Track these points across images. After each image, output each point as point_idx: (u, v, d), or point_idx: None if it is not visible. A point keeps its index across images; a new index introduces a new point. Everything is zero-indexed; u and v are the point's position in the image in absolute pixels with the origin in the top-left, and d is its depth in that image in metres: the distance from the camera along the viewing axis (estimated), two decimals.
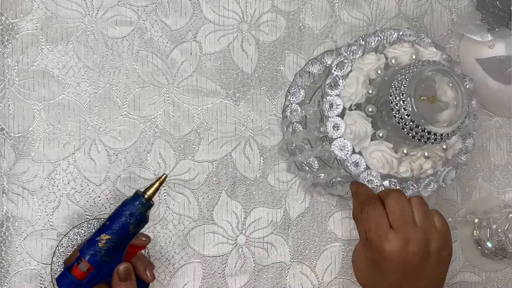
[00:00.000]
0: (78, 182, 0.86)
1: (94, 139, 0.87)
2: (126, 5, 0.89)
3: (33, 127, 0.85)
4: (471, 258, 1.01)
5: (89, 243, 0.73)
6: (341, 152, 0.77)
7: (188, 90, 0.91)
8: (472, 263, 1.01)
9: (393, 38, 0.81)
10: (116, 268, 0.75)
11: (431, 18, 1.02)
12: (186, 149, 0.90)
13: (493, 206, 1.02)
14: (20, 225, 0.84)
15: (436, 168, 0.80)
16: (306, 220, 0.95)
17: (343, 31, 0.97)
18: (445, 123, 0.73)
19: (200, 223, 0.90)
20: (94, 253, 0.72)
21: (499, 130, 1.04)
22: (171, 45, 0.91)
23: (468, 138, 0.83)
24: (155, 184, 0.74)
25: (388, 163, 0.77)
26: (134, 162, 0.88)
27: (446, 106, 0.74)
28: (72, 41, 0.87)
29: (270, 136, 0.94)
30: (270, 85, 0.94)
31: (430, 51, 0.80)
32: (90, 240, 0.73)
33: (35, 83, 0.85)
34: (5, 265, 0.83)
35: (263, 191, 0.93)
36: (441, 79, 0.74)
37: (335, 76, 0.78)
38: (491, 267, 1.02)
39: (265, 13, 0.95)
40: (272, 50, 0.95)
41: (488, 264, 1.02)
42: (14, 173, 0.84)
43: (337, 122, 0.77)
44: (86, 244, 0.73)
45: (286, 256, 0.94)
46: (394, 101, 0.72)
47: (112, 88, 0.88)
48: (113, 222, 0.73)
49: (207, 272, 0.90)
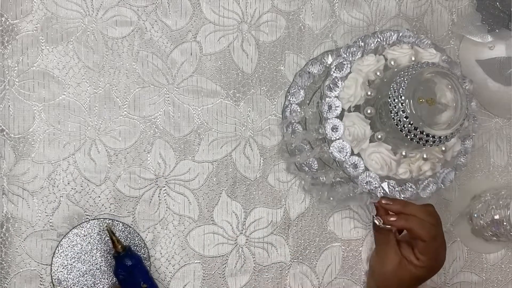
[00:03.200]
0: (78, 182, 0.86)
1: (94, 140, 0.87)
2: (126, 5, 0.89)
3: (33, 128, 0.85)
4: (462, 235, 1.01)
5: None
6: (339, 154, 0.77)
7: (188, 91, 0.91)
8: (463, 241, 1.01)
9: (392, 39, 0.81)
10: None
11: (431, 18, 1.01)
12: (186, 149, 0.90)
13: (489, 188, 1.02)
14: (20, 226, 0.84)
15: (435, 170, 0.80)
16: (306, 220, 0.95)
17: (343, 31, 0.97)
18: (444, 125, 0.73)
19: (200, 223, 0.91)
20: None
21: (499, 131, 1.04)
22: (171, 45, 0.91)
23: (467, 140, 0.83)
24: (112, 238, 0.83)
25: (386, 164, 0.77)
26: (134, 162, 0.88)
27: (445, 108, 0.74)
28: (72, 41, 0.87)
29: (270, 136, 0.94)
30: (270, 85, 0.94)
31: (430, 53, 0.80)
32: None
33: (35, 84, 0.85)
34: (5, 266, 0.83)
35: (263, 191, 0.93)
36: (440, 81, 0.74)
37: (334, 77, 0.78)
38: (482, 248, 1.02)
39: (265, 13, 0.94)
40: (272, 50, 0.95)
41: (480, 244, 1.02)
42: (14, 174, 0.84)
43: (336, 124, 0.77)
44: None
45: (286, 256, 0.94)
46: (393, 103, 0.72)
47: (112, 88, 0.88)
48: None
49: (207, 272, 0.90)
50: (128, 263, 0.82)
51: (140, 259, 0.85)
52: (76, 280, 0.84)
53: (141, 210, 0.88)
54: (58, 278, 0.84)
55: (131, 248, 0.84)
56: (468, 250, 1.01)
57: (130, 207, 0.88)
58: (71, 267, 0.84)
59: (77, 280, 0.84)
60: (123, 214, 0.88)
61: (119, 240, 0.83)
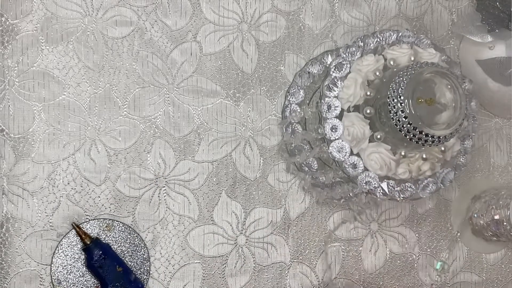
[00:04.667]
0: (78, 182, 0.87)
1: (94, 140, 0.87)
2: (126, 5, 0.89)
3: (33, 128, 0.85)
4: (462, 235, 1.01)
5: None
6: (339, 154, 0.77)
7: (188, 91, 0.91)
8: (463, 241, 1.01)
9: (392, 39, 0.81)
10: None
11: (431, 18, 1.01)
12: (186, 149, 0.90)
13: (489, 188, 1.02)
14: (20, 226, 0.84)
15: (434, 170, 0.80)
16: (306, 220, 0.95)
17: (343, 31, 0.97)
18: (443, 125, 0.73)
19: (200, 223, 0.91)
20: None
21: (499, 131, 1.04)
22: (171, 45, 0.91)
23: (467, 139, 0.83)
24: (78, 232, 0.84)
25: (386, 165, 0.77)
26: (134, 163, 0.88)
27: (445, 108, 0.74)
28: (72, 41, 0.87)
29: (270, 136, 0.94)
30: (270, 85, 0.94)
31: (429, 52, 0.80)
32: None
33: (35, 84, 0.86)
34: (5, 266, 0.83)
35: (263, 191, 0.93)
36: (440, 81, 0.74)
37: (334, 77, 0.78)
38: (482, 248, 1.02)
39: (265, 13, 0.94)
40: (272, 50, 0.95)
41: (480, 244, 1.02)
42: (14, 174, 0.84)
43: (335, 124, 0.77)
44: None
45: (286, 256, 0.94)
46: (392, 103, 0.72)
47: (112, 89, 0.88)
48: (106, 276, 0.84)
49: (207, 272, 0.90)
50: (100, 251, 0.83)
51: (109, 246, 0.85)
52: (76, 280, 0.84)
53: (141, 210, 0.88)
54: (58, 278, 0.84)
55: (98, 238, 0.85)
56: (468, 250, 1.01)
57: (130, 207, 0.88)
58: (71, 267, 0.84)
59: (77, 280, 0.85)
60: (123, 214, 0.88)
61: (85, 233, 0.84)
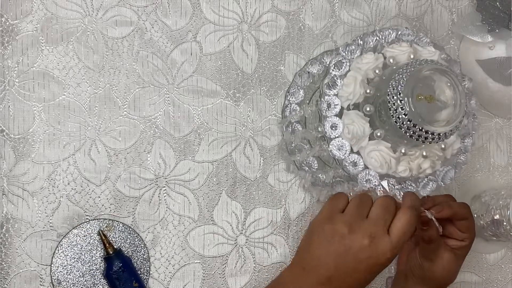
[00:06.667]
0: (78, 182, 0.86)
1: (94, 140, 0.87)
2: (126, 5, 0.89)
3: (33, 128, 0.85)
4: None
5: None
6: (339, 152, 0.77)
7: (188, 91, 0.91)
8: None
9: (391, 37, 0.81)
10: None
11: (431, 18, 1.01)
12: (186, 149, 0.90)
13: (489, 188, 1.02)
14: (20, 226, 0.84)
15: (435, 168, 0.80)
16: (306, 220, 0.95)
17: (343, 31, 0.97)
18: (443, 122, 0.73)
19: (200, 223, 0.90)
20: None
21: (499, 131, 1.04)
22: (171, 45, 0.91)
23: (467, 138, 0.83)
24: (104, 241, 0.85)
25: (386, 162, 0.77)
26: (134, 163, 0.88)
27: (444, 105, 0.74)
28: (72, 41, 0.87)
29: (270, 136, 0.94)
30: (270, 85, 0.94)
31: (429, 51, 0.80)
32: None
33: (35, 84, 0.86)
34: (5, 267, 0.83)
35: (263, 191, 0.93)
36: (439, 78, 0.74)
37: (333, 75, 0.78)
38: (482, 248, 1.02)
39: (265, 13, 0.95)
40: (272, 50, 0.95)
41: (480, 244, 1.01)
42: (14, 175, 0.84)
43: (335, 122, 0.77)
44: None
45: (286, 256, 0.94)
46: (392, 100, 0.72)
47: (112, 89, 0.88)
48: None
49: (207, 272, 0.90)
50: (120, 264, 0.84)
51: (130, 259, 0.86)
52: (76, 280, 0.84)
53: (141, 210, 0.88)
54: (58, 278, 0.84)
55: (121, 250, 0.85)
56: None
57: (130, 207, 0.88)
58: (71, 267, 0.84)
59: (77, 280, 0.84)
60: (123, 215, 0.88)
61: (110, 242, 0.85)
